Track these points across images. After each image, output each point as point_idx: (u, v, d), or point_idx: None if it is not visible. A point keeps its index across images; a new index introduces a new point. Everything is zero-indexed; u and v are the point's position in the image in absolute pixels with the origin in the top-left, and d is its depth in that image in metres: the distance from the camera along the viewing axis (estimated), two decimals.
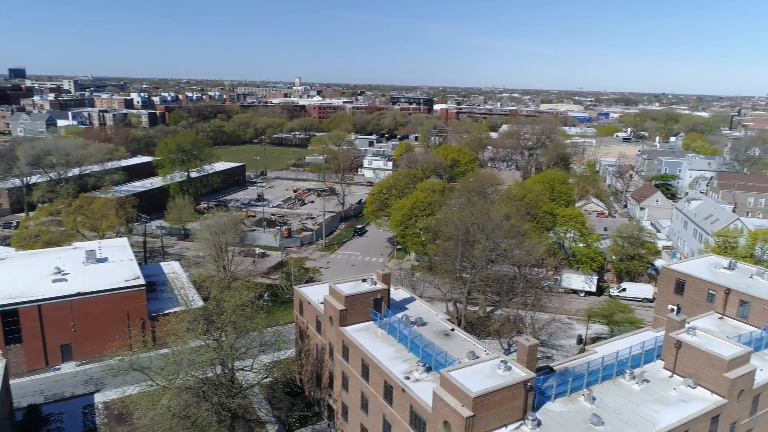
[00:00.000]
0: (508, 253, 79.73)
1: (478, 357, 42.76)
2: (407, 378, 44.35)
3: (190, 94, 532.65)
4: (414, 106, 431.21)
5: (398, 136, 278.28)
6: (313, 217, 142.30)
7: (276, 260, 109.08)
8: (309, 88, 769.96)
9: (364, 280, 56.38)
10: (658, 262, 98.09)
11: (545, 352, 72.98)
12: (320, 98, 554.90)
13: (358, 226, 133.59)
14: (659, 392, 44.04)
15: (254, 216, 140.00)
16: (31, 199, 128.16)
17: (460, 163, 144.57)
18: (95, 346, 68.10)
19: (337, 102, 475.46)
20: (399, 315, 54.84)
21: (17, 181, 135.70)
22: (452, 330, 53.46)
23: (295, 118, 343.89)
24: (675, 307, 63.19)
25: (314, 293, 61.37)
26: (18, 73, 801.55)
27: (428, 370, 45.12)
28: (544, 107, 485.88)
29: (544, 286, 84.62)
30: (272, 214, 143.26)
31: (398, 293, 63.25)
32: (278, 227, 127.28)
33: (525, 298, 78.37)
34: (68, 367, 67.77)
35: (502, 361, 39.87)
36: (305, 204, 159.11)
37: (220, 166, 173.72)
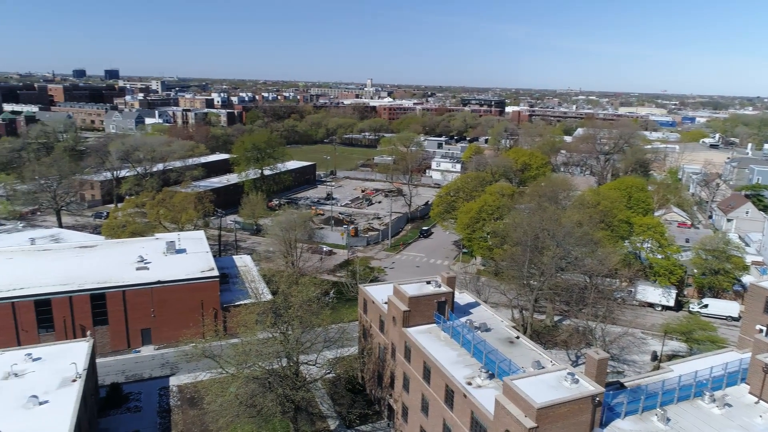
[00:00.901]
0: (579, 262, 76.83)
1: (543, 367, 41.53)
2: (469, 383, 43.78)
3: (266, 94, 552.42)
4: (485, 108, 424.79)
5: (468, 139, 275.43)
6: (379, 217, 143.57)
7: (342, 258, 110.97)
8: (380, 89, 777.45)
9: (428, 282, 56.22)
10: (746, 279, 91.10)
11: (616, 367, 69.75)
12: (391, 99, 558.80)
13: (424, 228, 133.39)
14: (743, 418, 40.94)
15: (323, 214, 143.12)
16: (120, 192, 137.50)
17: (531, 167, 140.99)
18: (172, 331, 72.11)
19: (407, 103, 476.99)
20: (463, 319, 54.25)
21: (108, 175, 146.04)
22: (517, 338, 52.23)
23: (365, 119, 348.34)
24: (764, 328, 58.49)
25: (378, 293, 61.87)
26: (112, 74, 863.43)
27: (491, 376, 44.32)
28: (623, 111, 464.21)
29: (617, 297, 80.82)
30: (340, 213, 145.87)
31: (463, 297, 62.56)
32: (345, 226, 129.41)
33: (596, 310, 75.17)
34: (147, 350, 72.13)
35: (569, 373, 38.50)
36: (372, 204, 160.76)
37: (292, 164, 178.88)
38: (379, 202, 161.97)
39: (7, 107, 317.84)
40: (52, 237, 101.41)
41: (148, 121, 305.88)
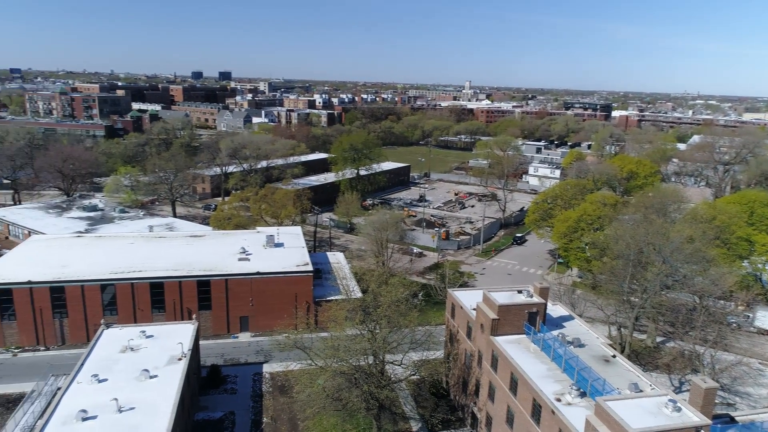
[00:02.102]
0: (687, 280, 70.95)
1: (641, 390, 38.95)
2: (558, 400, 42.05)
3: (365, 96, 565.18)
4: (589, 112, 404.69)
5: (569, 144, 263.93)
6: (472, 222, 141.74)
7: (432, 261, 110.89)
8: (478, 91, 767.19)
9: (519, 291, 54.71)
10: None
11: (726, 399, 63.70)
12: (489, 102, 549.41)
13: (517, 235, 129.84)
14: None
15: (415, 216, 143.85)
16: (227, 186, 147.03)
17: (638, 175, 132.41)
18: (267, 321, 76.06)
19: (505, 106, 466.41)
20: (555, 332, 52.20)
21: (218, 170, 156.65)
22: (613, 356, 49.34)
23: (462, 121, 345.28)
24: None
25: (467, 298, 61.14)
26: (225, 75, 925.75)
27: (582, 395, 42.27)
28: (747, 117, 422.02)
29: (731, 322, 73.79)
30: (432, 216, 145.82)
31: (555, 309, 60.20)
32: (437, 229, 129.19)
33: (705, 333, 69.09)
34: (244, 337, 76.55)
35: (670, 400, 35.79)
36: (465, 208, 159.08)
37: (387, 165, 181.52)
38: (472, 206, 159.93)
39: (135, 106, 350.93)
40: (167, 225, 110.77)
41: (255, 120, 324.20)
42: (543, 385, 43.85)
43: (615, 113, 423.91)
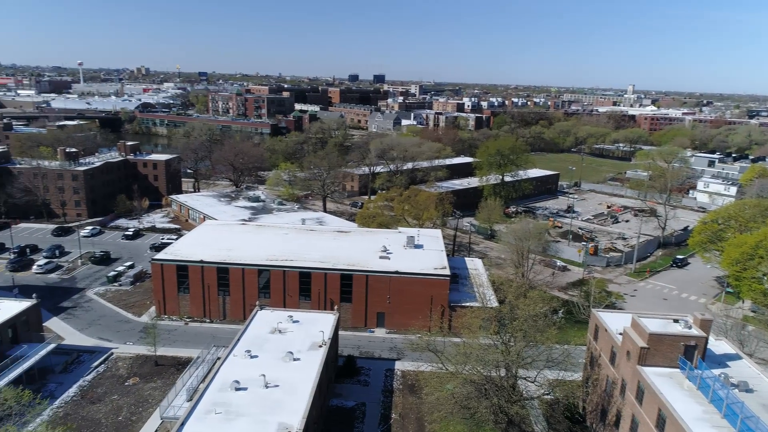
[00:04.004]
0: None
1: None
2: None
3: (516, 99, 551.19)
4: None
5: (750, 158, 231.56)
6: (625, 238, 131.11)
7: (576, 276, 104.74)
8: (643, 96, 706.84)
9: (675, 321, 49.48)
10: None
11: None
12: (654, 108, 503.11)
13: (678, 256, 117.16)
14: None
15: (560, 227, 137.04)
16: (374, 185, 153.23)
17: None
18: (402, 320, 77.96)
19: (674, 113, 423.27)
20: (715, 371, 46.37)
21: (366, 169, 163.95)
22: None
23: (621, 129, 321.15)
24: None
25: (613, 321, 56.83)
26: (379, 78, 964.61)
27: None
28: None
29: None
30: (580, 228, 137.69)
31: (719, 345, 53.45)
32: (584, 242, 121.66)
33: None
34: (380, 332, 79.31)
35: None
36: (618, 222, 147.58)
37: (534, 172, 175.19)
38: (627, 221, 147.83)
39: (298, 106, 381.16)
40: (318, 219, 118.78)
41: (404, 122, 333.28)
42: (697, 429, 39.24)
43: None
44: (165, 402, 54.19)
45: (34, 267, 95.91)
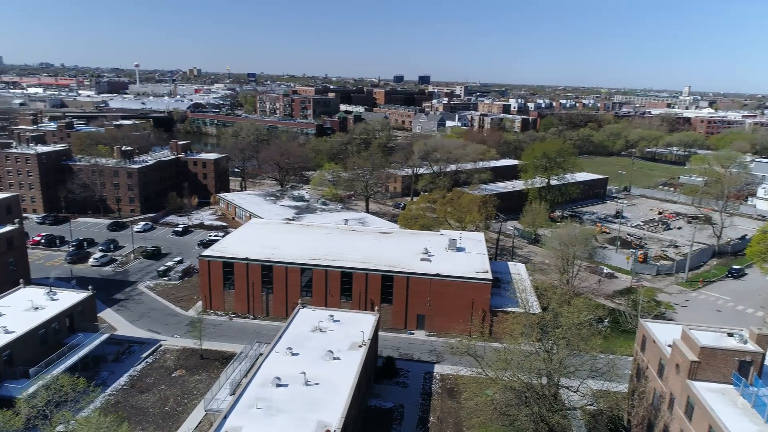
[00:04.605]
0: None
1: None
2: None
3: (564, 101, 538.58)
4: None
5: None
6: (677, 246, 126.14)
7: (624, 284, 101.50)
8: (699, 98, 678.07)
9: (730, 335, 47.32)
10: None
11: None
12: (711, 110, 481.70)
13: (734, 267, 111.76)
14: None
15: (608, 233, 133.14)
16: (417, 187, 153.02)
17: None
18: (442, 323, 77.58)
19: (733, 115, 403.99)
20: None
21: (409, 171, 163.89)
22: None
23: (674, 132, 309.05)
24: None
25: (662, 332, 54.82)
26: (424, 79, 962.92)
27: None
28: None
29: None
30: (629, 234, 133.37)
31: None
32: (633, 249, 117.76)
33: None
34: (419, 335, 79.15)
35: None
36: (670, 229, 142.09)
37: (581, 176, 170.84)
38: (679, 228, 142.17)
39: (343, 107, 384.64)
40: (360, 220, 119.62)
41: (449, 123, 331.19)
42: None
43: None
44: (209, 395, 55.82)
45: (91, 260, 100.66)
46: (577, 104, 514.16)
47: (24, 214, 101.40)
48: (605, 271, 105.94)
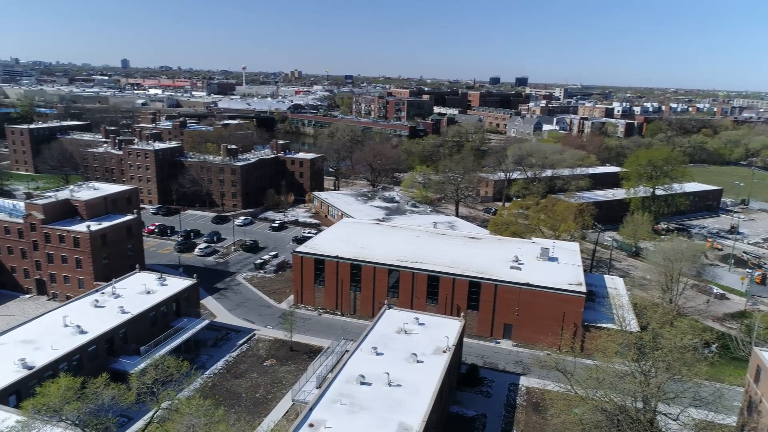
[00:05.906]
0: None
1: None
2: None
3: (674, 105, 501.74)
4: None
5: None
6: None
7: (737, 307, 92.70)
8: None
9: None
10: None
11: None
12: None
13: None
14: None
15: (720, 249, 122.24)
16: (509, 192, 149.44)
17: None
18: (530, 334, 75.18)
19: None
20: None
21: (502, 175, 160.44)
22: None
23: None
24: None
25: None
26: (522, 81, 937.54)
27: None
28: None
29: None
30: (745, 252, 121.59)
31: None
32: (750, 269, 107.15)
33: None
34: (505, 344, 77.24)
35: None
36: None
37: (691, 186, 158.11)
38: None
39: (436, 109, 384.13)
40: (449, 223, 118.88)
41: (546, 127, 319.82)
42: None
43: None
44: (297, 386, 58.14)
45: (196, 250, 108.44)
46: (690, 108, 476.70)
47: (141, 205, 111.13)
48: (715, 291, 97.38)
